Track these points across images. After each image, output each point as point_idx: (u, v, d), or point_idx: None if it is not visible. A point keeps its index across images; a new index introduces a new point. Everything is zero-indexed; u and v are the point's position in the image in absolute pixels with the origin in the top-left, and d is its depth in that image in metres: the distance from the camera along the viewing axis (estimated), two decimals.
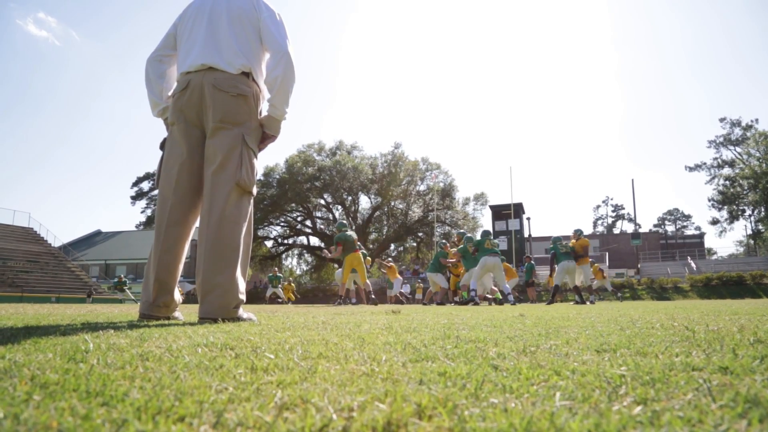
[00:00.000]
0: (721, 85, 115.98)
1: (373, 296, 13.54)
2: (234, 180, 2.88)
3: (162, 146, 3.23)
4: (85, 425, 0.66)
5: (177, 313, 3.13)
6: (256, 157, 3.08)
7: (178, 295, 3.07)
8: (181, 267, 3.05)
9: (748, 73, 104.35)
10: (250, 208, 3.03)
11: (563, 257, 12.94)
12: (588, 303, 12.56)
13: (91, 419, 0.69)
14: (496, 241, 12.77)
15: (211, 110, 2.93)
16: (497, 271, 12.15)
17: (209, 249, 2.80)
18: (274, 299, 23.78)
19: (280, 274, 25.21)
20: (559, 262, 13.00)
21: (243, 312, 2.96)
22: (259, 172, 3.14)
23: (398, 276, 18.26)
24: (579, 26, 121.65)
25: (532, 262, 19.57)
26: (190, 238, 3.10)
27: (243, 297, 2.88)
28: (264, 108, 3.16)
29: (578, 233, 13.53)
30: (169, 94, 3.25)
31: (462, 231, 13.85)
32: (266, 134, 3.14)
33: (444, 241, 16.19)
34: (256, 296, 34.45)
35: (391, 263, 18.59)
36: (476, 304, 11.30)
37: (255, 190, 3.04)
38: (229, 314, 2.80)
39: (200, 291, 2.80)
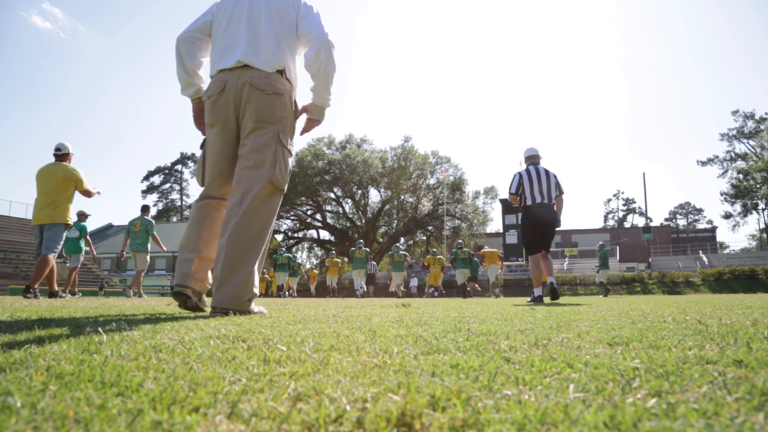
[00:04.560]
0: (732, 78, 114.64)
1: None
2: (267, 177, 2.92)
3: (202, 146, 3.28)
4: (101, 414, 0.67)
5: (204, 298, 3.15)
6: (291, 155, 3.12)
7: (210, 278, 3.08)
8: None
9: (757, 65, 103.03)
10: (278, 206, 3.06)
11: (461, 263, 16.57)
12: (495, 296, 16.55)
13: (107, 409, 0.70)
14: (403, 253, 18.29)
15: (248, 109, 2.97)
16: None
17: (233, 240, 2.82)
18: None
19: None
20: (458, 267, 16.63)
21: (255, 306, 2.98)
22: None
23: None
24: (586, 20, 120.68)
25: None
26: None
27: (257, 291, 2.90)
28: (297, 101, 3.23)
29: (479, 246, 18.81)
30: (202, 85, 3.27)
31: (459, 241, 18.27)
32: (310, 119, 3.22)
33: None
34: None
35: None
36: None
37: (285, 187, 3.08)
38: (243, 306, 2.82)
39: (217, 280, 2.81)
